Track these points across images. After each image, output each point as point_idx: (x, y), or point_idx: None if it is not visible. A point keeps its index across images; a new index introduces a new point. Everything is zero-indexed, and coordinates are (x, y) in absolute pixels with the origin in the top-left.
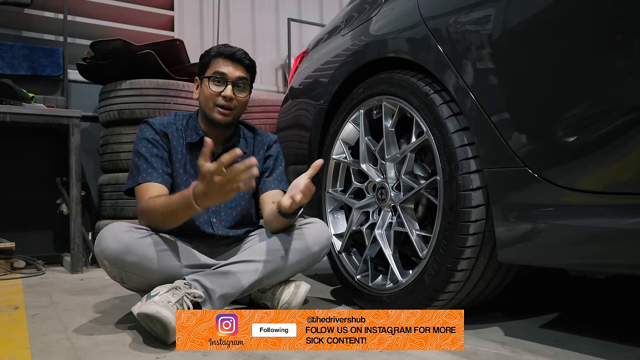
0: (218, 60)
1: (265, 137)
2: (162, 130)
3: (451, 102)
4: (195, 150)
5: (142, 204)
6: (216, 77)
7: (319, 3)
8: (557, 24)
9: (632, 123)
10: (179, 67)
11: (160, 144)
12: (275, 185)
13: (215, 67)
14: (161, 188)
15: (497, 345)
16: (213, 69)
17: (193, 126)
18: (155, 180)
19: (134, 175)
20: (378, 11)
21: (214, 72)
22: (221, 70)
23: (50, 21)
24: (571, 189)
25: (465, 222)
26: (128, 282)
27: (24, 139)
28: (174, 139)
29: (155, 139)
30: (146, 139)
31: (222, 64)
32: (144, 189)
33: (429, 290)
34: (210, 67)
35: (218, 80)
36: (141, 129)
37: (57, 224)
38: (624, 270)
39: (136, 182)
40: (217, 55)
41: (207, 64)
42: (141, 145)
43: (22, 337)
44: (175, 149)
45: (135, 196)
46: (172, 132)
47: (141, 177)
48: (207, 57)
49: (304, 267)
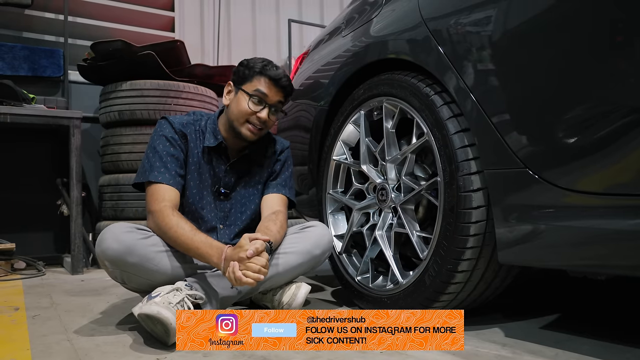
0: (262, 79)
1: (278, 143)
2: (182, 131)
3: (452, 103)
4: (211, 154)
5: (161, 208)
6: (257, 96)
7: (319, 4)
8: (558, 25)
9: (633, 124)
10: (180, 68)
11: (179, 143)
12: (278, 190)
13: (258, 85)
14: (175, 193)
15: (498, 346)
16: (255, 86)
17: (212, 129)
18: (167, 182)
19: (145, 169)
20: (379, 12)
21: (255, 89)
22: (264, 91)
23: (51, 22)
24: (571, 190)
25: (465, 223)
26: (129, 283)
27: (24, 140)
28: (192, 141)
29: (174, 137)
30: (165, 137)
31: (265, 84)
32: (162, 191)
33: (429, 292)
34: (252, 83)
35: (258, 100)
36: (160, 124)
37: (57, 225)
38: (624, 272)
39: (146, 178)
40: (262, 73)
41: (249, 77)
42: (159, 142)
43: (23, 338)
44: (192, 151)
45: (148, 193)
46: (191, 134)
47: (152, 174)
48: (250, 69)
49: (306, 270)
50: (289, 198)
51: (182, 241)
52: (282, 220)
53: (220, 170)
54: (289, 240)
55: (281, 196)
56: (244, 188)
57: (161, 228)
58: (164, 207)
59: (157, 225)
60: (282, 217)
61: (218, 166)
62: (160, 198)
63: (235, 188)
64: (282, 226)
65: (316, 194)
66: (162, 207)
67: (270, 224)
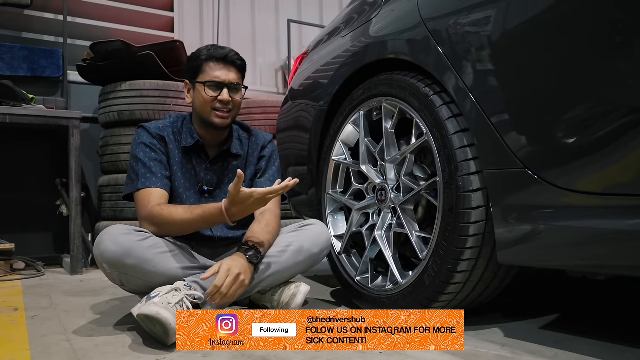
0: (210, 64)
1: (259, 137)
2: (159, 134)
3: (451, 104)
4: (190, 154)
5: (149, 211)
6: (211, 82)
7: (318, 4)
8: (557, 25)
9: (632, 124)
10: (179, 69)
11: (159, 147)
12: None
13: (208, 71)
14: (162, 193)
15: (497, 346)
16: (206, 74)
17: (188, 129)
18: (155, 185)
19: (133, 180)
20: (378, 12)
21: (207, 77)
22: (215, 74)
23: (50, 22)
24: (571, 190)
25: (465, 223)
26: (127, 285)
27: (23, 140)
28: (171, 143)
29: (153, 143)
30: (144, 144)
31: (214, 67)
32: (146, 195)
33: (428, 292)
34: (203, 72)
35: (213, 85)
36: (137, 133)
37: (56, 225)
38: (623, 272)
39: (135, 188)
40: (208, 58)
41: (199, 68)
42: (139, 150)
43: (22, 339)
44: (172, 152)
45: (136, 202)
46: (169, 136)
47: (140, 182)
48: (197, 60)
49: (304, 269)
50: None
51: (184, 223)
52: (268, 218)
53: (201, 168)
54: (287, 239)
55: None
56: (229, 184)
57: (159, 225)
58: (151, 208)
59: (154, 225)
60: (268, 215)
61: (199, 165)
62: (147, 202)
63: (219, 185)
64: (267, 224)
65: (315, 194)
66: (150, 208)
67: (256, 225)
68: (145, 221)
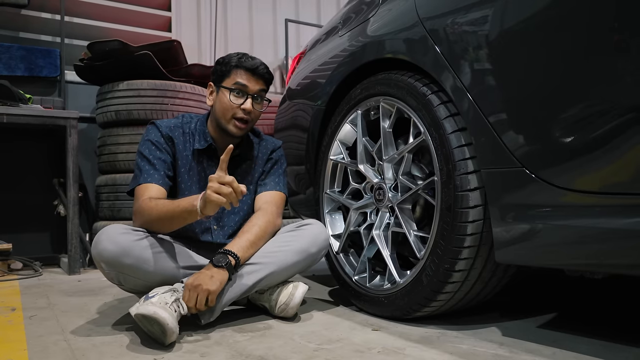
0: (239, 72)
1: (269, 142)
2: (168, 134)
3: (449, 103)
4: (201, 155)
5: (139, 204)
6: (237, 89)
7: (316, 4)
8: (554, 24)
9: (629, 123)
10: (177, 68)
11: (164, 147)
12: (271, 187)
13: (236, 78)
14: (159, 189)
15: (495, 345)
16: (234, 80)
17: (201, 131)
18: (154, 182)
19: (137, 176)
20: (375, 12)
21: (234, 82)
22: (243, 82)
23: (48, 22)
24: (568, 189)
25: (462, 222)
26: (125, 284)
27: (21, 140)
28: (180, 143)
29: (160, 142)
30: (150, 141)
31: (243, 75)
32: (142, 190)
33: (426, 291)
34: (230, 78)
35: (238, 92)
36: (147, 130)
37: (54, 225)
38: (621, 271)
39: (137, 183)
40: (238, 66)
41: (227, 73)
42: (145, 147)
43: (20, 339)
44: (180, 153)
45: (134, 196)
46: (179, 136)
47: (142, 178)
48: (226, 65)
49: (302, 269)
50: (283, 193)
51: (168, 214)
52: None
53: (211, 172)
54: (285, 239)
55: (272, 193)
56: None
57: (145, 217)
58: (142, 201)
59: (141, 218)
60: (262, 213)
61: (209, 168)
62: (140, 196)
63: None
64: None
65: (313, 194)
66: (141, 201)
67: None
68: (134, 214)
